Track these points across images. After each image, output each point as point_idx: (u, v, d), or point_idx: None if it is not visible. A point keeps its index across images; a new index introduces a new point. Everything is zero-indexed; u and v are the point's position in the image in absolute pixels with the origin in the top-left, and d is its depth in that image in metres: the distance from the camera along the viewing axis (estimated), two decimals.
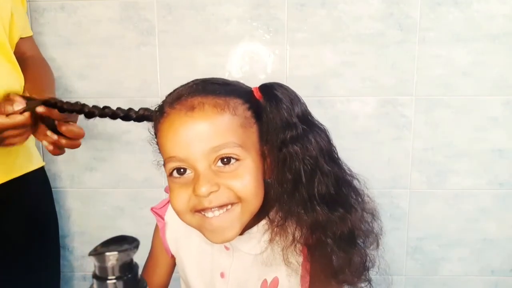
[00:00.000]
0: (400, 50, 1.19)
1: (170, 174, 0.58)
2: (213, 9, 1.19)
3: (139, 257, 0.61)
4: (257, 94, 0.59)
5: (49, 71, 0.99)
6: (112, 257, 0.54)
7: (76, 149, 1.26)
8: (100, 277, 0.55)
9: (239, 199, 0.56)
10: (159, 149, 0.61)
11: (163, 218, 0.72)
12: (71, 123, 0.76)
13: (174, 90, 0.60)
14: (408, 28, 1.17)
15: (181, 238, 0.71)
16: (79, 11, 1.20)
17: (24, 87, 0.89)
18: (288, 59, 1.20)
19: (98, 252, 0.55)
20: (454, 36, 1.18)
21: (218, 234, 0.57)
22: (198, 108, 0.55)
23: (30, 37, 1.02)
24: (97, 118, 0.67)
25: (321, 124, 0.60)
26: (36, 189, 1.00)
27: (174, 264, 0.76)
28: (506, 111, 1.21)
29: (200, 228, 0.58)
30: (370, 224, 0.60)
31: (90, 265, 0.53)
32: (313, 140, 0.57)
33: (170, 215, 0.71)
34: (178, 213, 0.59)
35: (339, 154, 0.60)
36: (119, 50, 1.21)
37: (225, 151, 0.55)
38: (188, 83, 0.60)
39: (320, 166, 0.57)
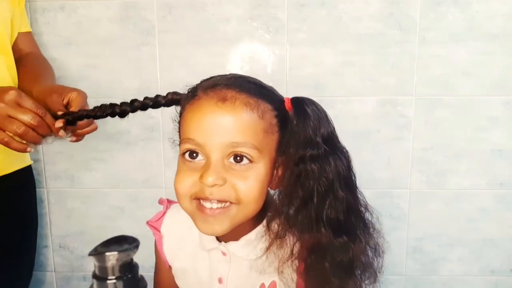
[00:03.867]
0: (400, 50, 1.19)
1: (183, 155, 0.58)
2: (213, 9, 1.19)
3: (139, 257, 0.62)
4: (288, 106, 0.60)
5: (49, 66, 0.99)
6: (112, 257, 0.54)
7: (76, 149, 1.27)
8: (100, 277, 0.55)
9: (238, 201, 0.56)
10: (179, 128, 0.62)
11: (159, 231, 0.72)
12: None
13: (211, 78, 0.61)
14: (408, 28, 1.17)
15: (177, 247, 0.71)
16: (79, 11, 1.20)
17: (19, 82, 0.91)
18: (288, 59, 1.20)
19: (98, 252, 0.55)
20: (454, 36, 1.18)
21: (208, 226, 0.57)
22: (230, 102, 0.55)
23: (29, 33, 1.03)
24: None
25: (345, 149, 0.60)
26: (22, 186, 1.01)
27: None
28: (506, 111, 1.21)
29: (193, 216, 0.59)
30: (371, 259, 0.60)
31: (90, 265, 0.53)
32: (332, 163, 0.57)
33: (165, 227, 0.72)
34: (178, 195, 0.59)
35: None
36: (119, 50, 1.21)
37: (242, 149, 0.55)
38: (226, 74, 0.61)
39: (335, 190, 0.57)
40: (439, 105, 1.21)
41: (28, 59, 0.97)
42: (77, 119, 0.73)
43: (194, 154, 0.57)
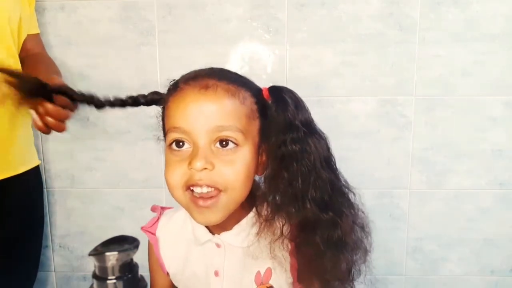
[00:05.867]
0: (400, 50, 1.19)
1: (170, 145, 0.59)
2: (213, 9, 1.19)
3: (139, 257, 0.61)
4: (265, 94, 0.62)
5: (55, 66, 1.00)
6: (112, 257, 0.54)
7: (76, 149, 1.27)
8: (100, 277, 0.55)
9: (226, 188, 0.57)
10: (163, 123, 0.63)
11: (154, 235, 0.73)
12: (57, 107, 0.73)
13: (192, 71, 0.63)
14: (408, 28, 1.17)
15: (172, 249, 0.72)
16: (79, 11, 1.20)
17: None
18: (288, 59, 1.20)
19: (98, 252, 0.55)
20: (454, 36, 1.18)
21: (202, 216, 0.59)
22: (212, 89, 0.57)
23: (37, 35, 1.04)
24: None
25: (323, 133, 0.61)
26: (30, 186, 1.02)
27: (172, 284, 0.76)
28: (506, 111, 1.21)
29: (188, 208, 0.60)
30: (360, 238, 0.61)
31: (90, 265, 0.53)
32: (312, 145, 0.59)
33: (161, 230, 0.73)
34: (170, 187, 0.60)
35: (337, 162, 0.62)
36: (119, 50, 1.21)
37: (227, 133, 0.57)
38: (205, 68, 0.63)
39: (317, 170, 0.58)
40: (439, 105, 1.21)
41: (35, 58, 0.98)
42: (55, 91, 0.69)
43: (181, 143, 0.58)
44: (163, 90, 0.76)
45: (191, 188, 0.58)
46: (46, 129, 0.73)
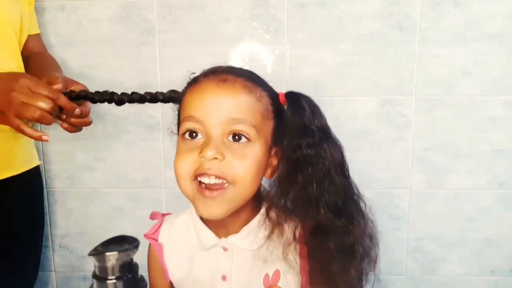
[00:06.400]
0: (400, 50, 1.19)
1: (183, 135, 0.60)
2: (213, 9, 1.19)
3: (139, 257, 0.62)
4: (282, 99, 0.62)
5: (58, 64, 1.01)
6: (112, 257, 0.54)
7: (76, 149, 1.27)
8: (100, 277, 0.55)
9: (234, 181, 0.57)
10: (178, 116, 0.64)
11: (157, 241, 0.72)
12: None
13: (211, 67, 0.65)
14: (408, 28, 1.17)
15: (177, 255, 0.71)
16: (79, 11, 1.20)
17: None
18: (288, 59, 1.20)
19: (98, 252, 0.55)
20: (454, 36, 1.18)
21: (207, 207, 0.59)
22: (230, 83, 0.59)
23: (38, 35, 1.06)
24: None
25: (338, 140, 0.62)
26: (31, 186, 1.02)
27: None
28: (506, 111, 1.21)
29: (193, 199, 0.60)
30: (369, 247, 0.62)
31: (90, 265, 0.53)
32: (327, 150, 0.59)
33: (163, 236, 0.72)
34: (178, 178, 0.60)
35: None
36: (119, 50, 1.21)
37: (240, 127, 0.57)
38: (226, 65, 0.65)
39: (332, 175, 0.59)
40: (439, 105, 1.21)
41: (39, 57, 0.99)
42: (77, 98, 0.75)
43: (194, 134, 0.59)
44: (162, 90, 0.76)
45: (199, 179, 0.58)
46: (74, 128, 0.78)
